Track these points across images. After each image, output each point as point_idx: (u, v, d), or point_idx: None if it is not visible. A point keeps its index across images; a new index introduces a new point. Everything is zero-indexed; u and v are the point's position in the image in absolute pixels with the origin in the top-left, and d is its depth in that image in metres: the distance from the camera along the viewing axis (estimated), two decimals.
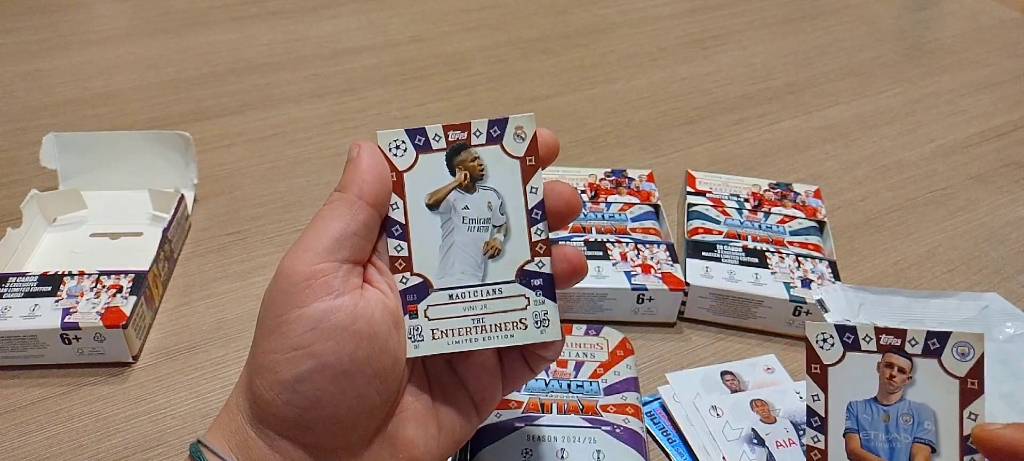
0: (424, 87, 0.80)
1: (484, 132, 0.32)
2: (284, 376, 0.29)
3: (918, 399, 0.31)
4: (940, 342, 0.31)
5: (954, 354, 0.31)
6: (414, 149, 0.32)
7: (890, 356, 0.31)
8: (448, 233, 0.33)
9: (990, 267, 0.58)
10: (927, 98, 0.81)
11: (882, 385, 0.31)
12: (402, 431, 0.32)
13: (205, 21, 0.92)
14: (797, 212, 0.57)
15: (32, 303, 0.47)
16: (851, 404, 0.32)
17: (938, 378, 0.31)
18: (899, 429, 0.31)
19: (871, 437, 0.31)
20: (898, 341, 0.31)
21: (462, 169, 0.33)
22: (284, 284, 0.30)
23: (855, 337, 0.31)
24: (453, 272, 0.33)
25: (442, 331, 0.33)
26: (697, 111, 0.77)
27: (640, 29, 0.94)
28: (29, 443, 0.43)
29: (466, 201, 0.33)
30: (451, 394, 0.34)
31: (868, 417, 0.31)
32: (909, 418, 0.31)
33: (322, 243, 0.30)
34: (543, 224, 0.32)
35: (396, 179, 0.32)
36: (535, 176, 0.32)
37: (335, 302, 0.30)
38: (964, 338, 0.31)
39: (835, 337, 0.32)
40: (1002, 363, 0.47)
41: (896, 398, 0.31)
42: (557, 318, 0.33)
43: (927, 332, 0.31)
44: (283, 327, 0.30)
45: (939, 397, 0.31)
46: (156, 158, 0.60)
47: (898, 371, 0.31)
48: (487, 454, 0.40)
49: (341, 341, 0.29)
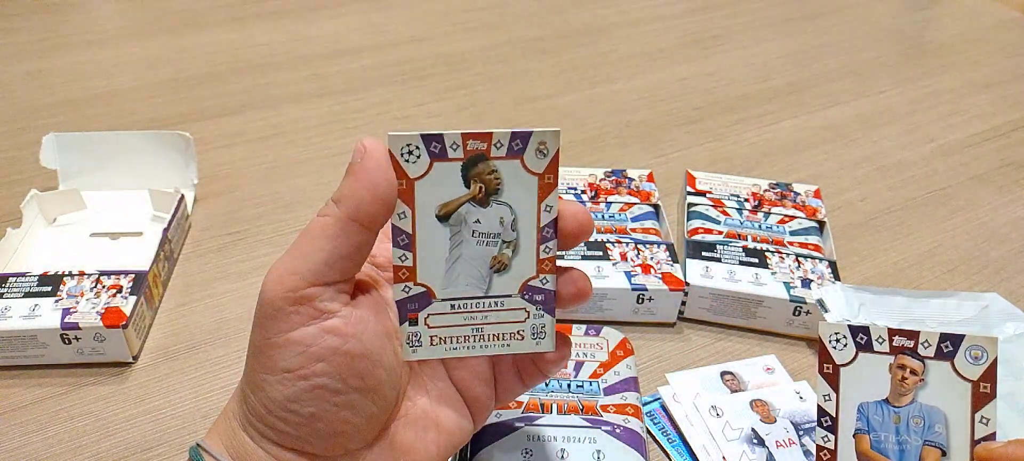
0: (424, 87, 0.80)
1: (505, 144, 0.30)
2: (276, 397, 0.29)
3: (929, 401, 0.31)
4: (953, 345, 0.31)
5: (967, 357, 0.31)
6: (429, 156, 0.30)
7: (902, 358, 0.31)
8: (456, 245, 0.31)
9: (990, 267, 0.58)
10: (927, 98, 0.81)
11: (894, 386, 0.31)
12: (401, 436, 0.32)
13: (205, 21, 0.92)
14: (797, 212, 0.57)
15: (32, 303, 0.47)
16: (862, 405, 0.31)
17: (950, 381, 0.31)
18: (909, 431, 0.31)
19: (881, 438, 0.31)
20: (911, 343, 0.31)
21: (478, 181, 0.31)
22: (268, 308, 0.29)
23: (868, 338, 0.31)
24: (457, 284, 0.32)
25: (441, 338, 0.32)
26: (697, 111, 0.77)
27: (640, 29, 0.94)
28: (29, 443, 0.43)
29: (478, 214, 0.31)
30: (448, 399, 0.34)
31: (879, 418, 0.31)
32: (920, 420, 0.31)
33: (308, 265, 0.29)
34: (553, 242, 0.32)
35: (405, 187, 0.30)
36: (551, 194, 0.31)
37: (324, 324, 0.29)
38: (977, 341, 0.30)
39: (848, 337, 0.31)
40: (1002, 363, 0.47)
41: (907, 400, 0.31)
42: (553, 331, 0.33)
43: (940, 334, 0.31)
44: (271, 350, 0.29)
45: (950, 400, 0.31)
46: (156, 158, 0.60)
47: (910, 373, 0.31)
48: (487, 454, 0.40)
49: (332, 362, 0.29)
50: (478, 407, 0.34)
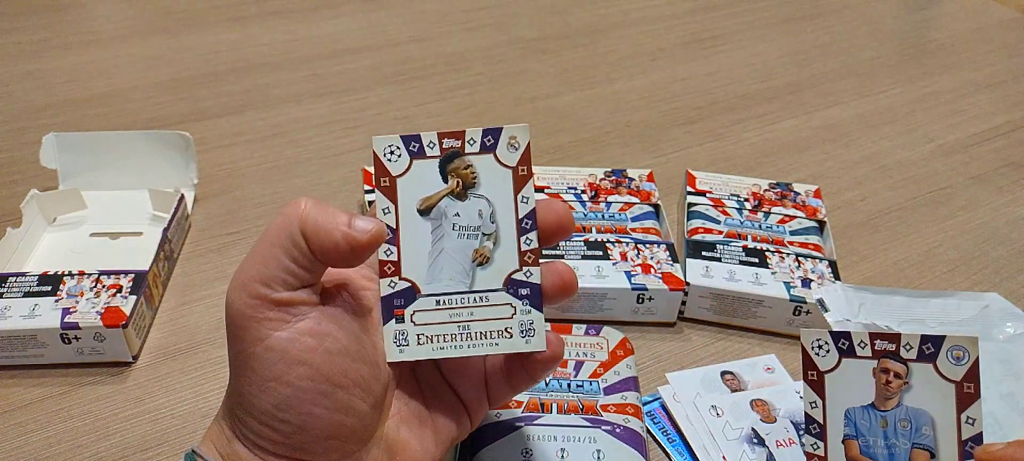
0: (424, 87, 0.80)
1: (478, 141, 0.33)
2: (263, 406, 0.29)
3: (915, 404, 0.31)
4: (934, 346, 0.31)
5: (949, 358, 0.31)
6: (409, 155, 0.33)
7: (885, 362, 0.31)
8: (438, 239, 0.33)
9: (990, 267, 0.58)
10: (927, 98, 0.81)
11: (879, 391, 0.31)
12: (397, 435, 0.32)
13: (205, 21, 0.92)
14: (797, 212, 0.57)
15: (32, 303, 0.47)
16: (849, 410, 0.31)
17: (934, 383, 0.31)
18: (897, 435, 0.31)
19: (870, 443, 0.31)
20: (893, 346, 0.31)
21: (455, 176, 0.33)
22: (237, 319, 0.29)
23: (850, 343, 0.31)
24: (441, 278, 0.33)
25: (428, 336, 0.33)
26: (697, 111, 0.77)
27: (640, 29, 0.94)
28: (29, 443, 0.43)
29: (457, 208, 0.33)
30: (443, 397, 0.34)
31: (866, 423, 0.31)
32: (907, 424, 0.31)
33: (271, 271, 0.29)
34: (533, 234, 0.33)
35: (389, 184, 0.33)
36: (526, 186, 0.33)
37: (297, 327, 0.29)
38: (958, 342, 0.30)
39: (830, 343, 0.31)
40: (1002, 363, 0.47)
41: (893, 404, 0.31)
42: (543, 329, 0.33)
43: (921, 336, 0.31)
44: (250, 360, 0.29)
45: (936, 402, 0.31)
46: (156, 158, 0.60)
47: (894, 376, 0.31)
48: (487, 454, 0.40)
49: (312, 364, 0.29)
50: (473, 407, 0.34)
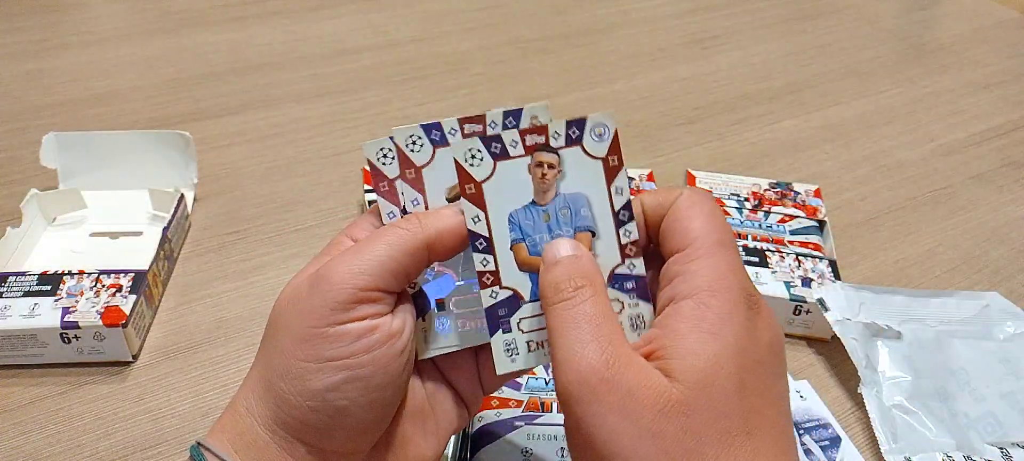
0: (424, 87, 0.80)
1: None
2: (314, 385, 0.29)
3: (571, 190, 0.31)
4: (578, 128, 0.31)
5: (593, 137, 0.31)
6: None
7: (539, 155, 0.31)
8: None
9: (990, 267, 0.58)
10: (927, 98, 0.81)
11: (536, 185, 0.31)
12: (400, 428, 0.33)
13: (205, 21, 0.92)
14: (797, 211, 0.57)
15: (32, 302, 0.47)
16: (512, 214, 0.31)
17: (584, 163, 0.31)
18: (560, 224, 0.31)
19: (537, 241, 0.31)
20: (542, 138, 0.31)
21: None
22: (330, 293, 0.29)
23: (503, 145, 0.31)
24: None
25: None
26: (697, 111, 0.77)
27: (640, 29, 0.94)
28: (29, 442, 0.43)
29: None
30: (441, 391, 0.34)
31: (530, 222, 0.31)
32: (567, 211, 0.31)
33: (379, 268, 0.30)
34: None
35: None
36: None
37: (380, 321, 0.30)
38: (599, 119, 0.31)
39: (483, 151, 0.31)
40: (1002, 362, 0.47)
41: (552, 195, 0.31)
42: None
43: (566, 122, 0.31)
44: (321, 338, 0.29)
45: (588, 182, 0.31)
46: (156, 158, 0.60)
47: (548, 167, 0.31)
48: (487, 454, 0.40)
49: (378, 358, 0.30)
50: (469, 399, 0.35)
